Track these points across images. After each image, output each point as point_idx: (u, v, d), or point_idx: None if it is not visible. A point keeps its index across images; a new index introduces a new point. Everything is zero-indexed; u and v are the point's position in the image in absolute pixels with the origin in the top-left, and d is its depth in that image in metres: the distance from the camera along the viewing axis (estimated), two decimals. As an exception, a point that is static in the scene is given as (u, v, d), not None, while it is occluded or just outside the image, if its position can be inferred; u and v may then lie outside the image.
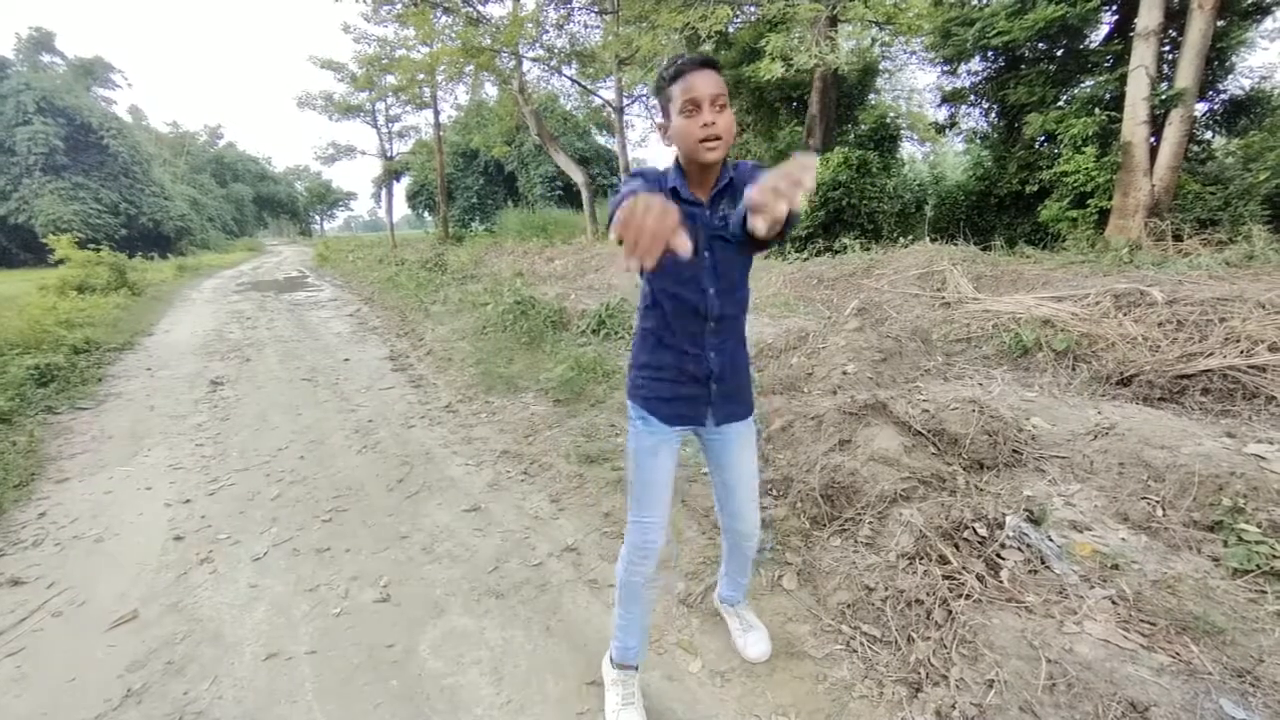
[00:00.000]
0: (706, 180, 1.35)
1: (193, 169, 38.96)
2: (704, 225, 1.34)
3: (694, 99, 1.25)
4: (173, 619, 2.13)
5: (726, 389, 1.48)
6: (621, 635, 1.64)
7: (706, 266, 1.37)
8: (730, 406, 1.51)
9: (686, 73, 1.26)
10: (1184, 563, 1.92)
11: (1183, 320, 3.68)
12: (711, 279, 1.38)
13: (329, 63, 20.09)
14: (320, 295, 11.31)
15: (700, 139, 1.26)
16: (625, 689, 1.64)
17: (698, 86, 1.24)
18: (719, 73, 1.28)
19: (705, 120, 1.24)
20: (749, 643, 1.83)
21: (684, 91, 1.26)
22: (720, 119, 1.26)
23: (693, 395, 1.47)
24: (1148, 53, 6.84)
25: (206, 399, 4.74)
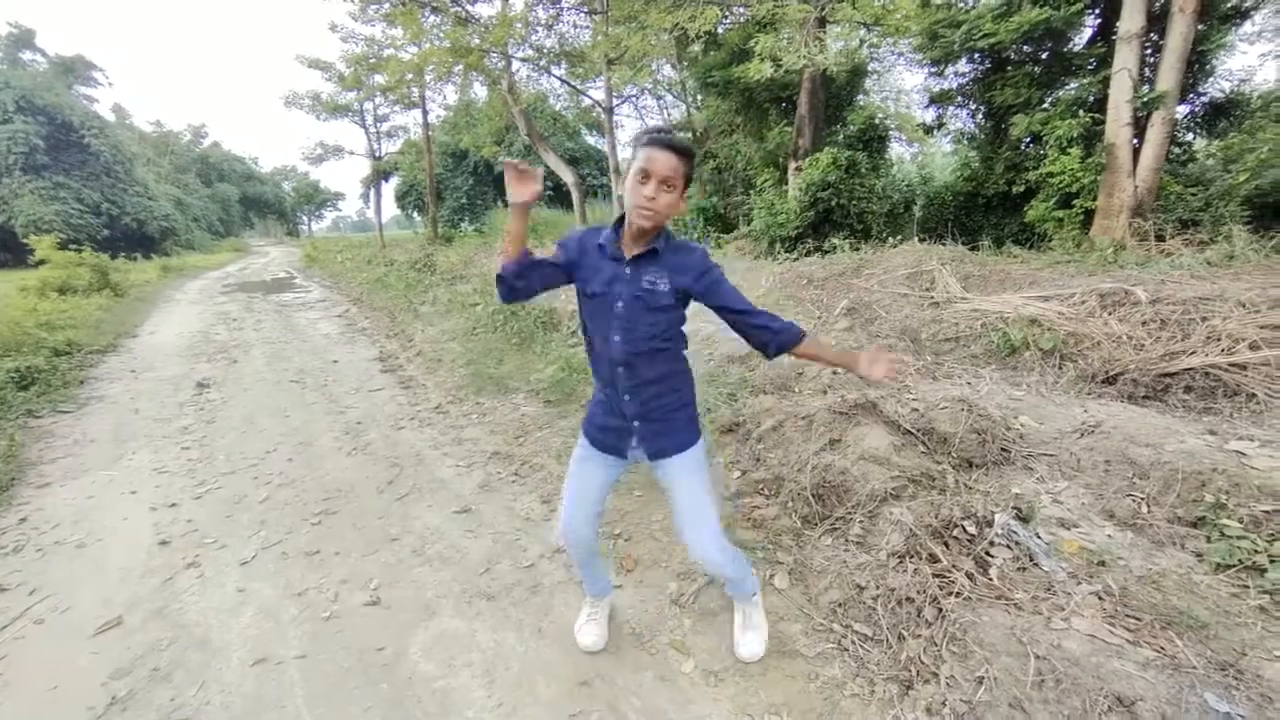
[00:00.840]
0: (639, 241, 1.50)
1: (177, 168, 38.45)
2: (621, 280, 1.50)
3: (646, 170, 1.38)
4: (158, 625, 2.10)
5: (651, 428, 1.61)
6: (587, 583, 1.93)
7: (616, 315, 1.51)
8: (659, 442, 1.62)
9: (652, 146, 1.38)
10: (1168, 558, 1.94)
11: (1166, 319, 3.73)
12: (618, 328, 1.51)
13: (316, 62, 19.89)
14: (308, 296, 11.21)
15: (636, 204, 1.40)
16: (591, 609, 1.96)
17: (655, 162, 1.37)
18: (684, 159, 1.40)
19: (648, 193, 1.38)
20: (743, 641, 1.85)
21: (643, 160, 1.39)
22: (661, 198, 1.39)
23: (617, 429, 1.63)
24: (1130, 56, 6.94)
25: (192, 401, 4.68)
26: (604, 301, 1.51)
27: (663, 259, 1.50)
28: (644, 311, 1.50)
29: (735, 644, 1.86)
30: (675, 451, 1.63)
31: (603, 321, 1.53)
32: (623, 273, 1.50)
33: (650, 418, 1.60)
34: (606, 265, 1.51)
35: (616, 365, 1.55)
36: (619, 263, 1.50)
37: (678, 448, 1.63)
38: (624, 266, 1.50)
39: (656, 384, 1.58)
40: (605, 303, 1.51)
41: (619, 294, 1.50)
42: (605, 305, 1.52)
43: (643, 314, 1.51)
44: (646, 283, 1.50)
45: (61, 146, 24.14)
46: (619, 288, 1.50)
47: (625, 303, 1.50)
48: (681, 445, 1.64)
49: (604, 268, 1.52)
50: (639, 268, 1.50)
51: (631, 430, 1.61)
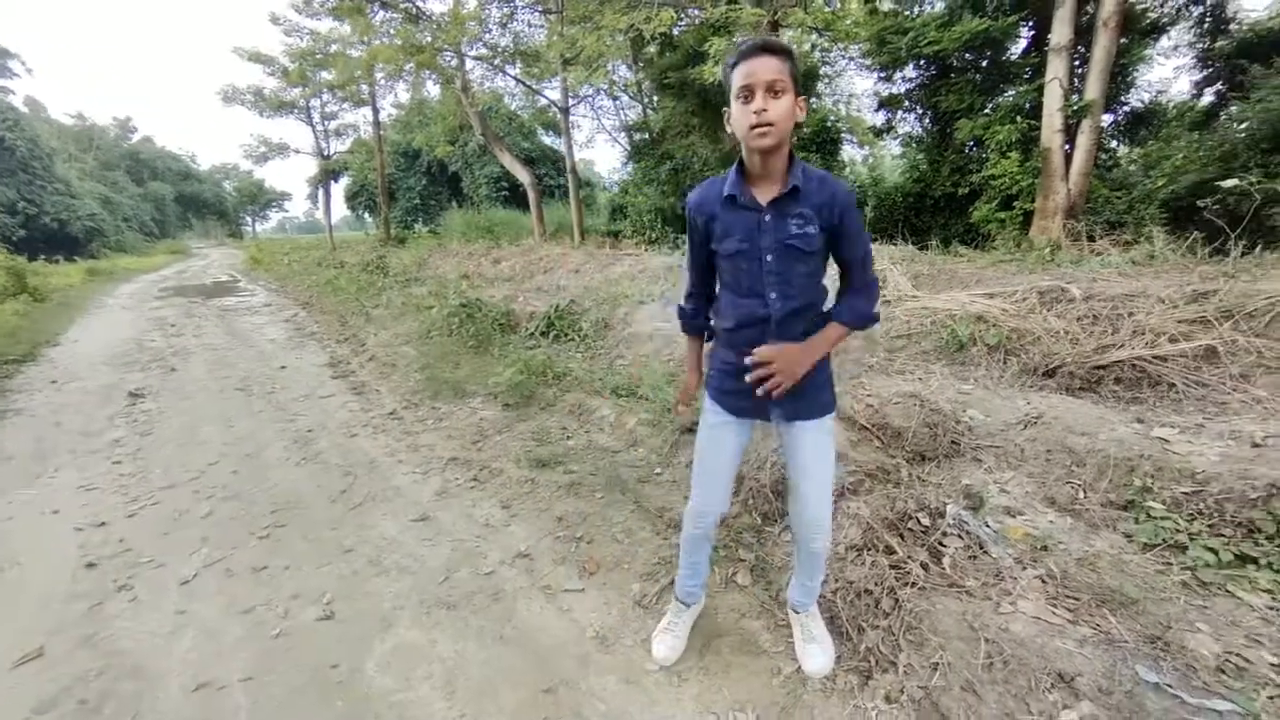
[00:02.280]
0: (769, 178, 1.34)
1: (103, 165, 36.17)
2: (765, 231, 1.33)
3: (748, 85, 1.24)
4: (86, 654, 1.96)
5: (794, 389, 1.44)
6: (682, 577, 1.83)
7: (767, 271, 1.35)
8: (796, 405, 1.49)
9: (746, 58, 1.24)
10: (1102, 540, 2.05)
11: (1097, 315, 3.95)
12: (773, 284, 1.36)
13: (257, 55, 19.05)
14: (253, 300, 10.72)
15: (750, 125, 1.25)
16: (673, 617, 1.86)
17: (754, 72, 1.23)
18: (783, 59, 1.25)
19: (757, 106, 1.23)
20: (808, 654, 1.74)
21: (741, 77, 1.24)
22: (774, 105, 1.23)
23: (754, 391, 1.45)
24: (1061, 66, 7.34)
25: (124, 413, 4.40)
26: (748, 258, 1.34)
27: (804, 195, 1.31)
28: (798, 260, 1.34)
29: (800, 658, 1.76)
30: (817, 414, 1.51)
31: (753, 280, 1.36)
32: (763, 221, 1.32)
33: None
34: (740, 217, 1.34)
35: (773, 324, 1.38)
36: (756, 211, 1.33)
37: (814, 412, 1.51)
38: (763, 214, 1.32)
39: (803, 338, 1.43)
40: (750, 259, 1.34)
41: (765, 247, 1.32)
42: (752, 262, 1.34)
43: (797, 263, 1.34)
44: (795, 227, 1.32)
45: (-30, 141, 22.42)
46: (764, 240, 1.32)
47: (775, 255, 1.33)
48: (821, 409, 1.51)
49: (738, 220, 1.34)
50: (781, 212, 1.32)
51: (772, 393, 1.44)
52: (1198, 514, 2.05)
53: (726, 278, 1.45)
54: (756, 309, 1.40)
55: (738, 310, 1.44)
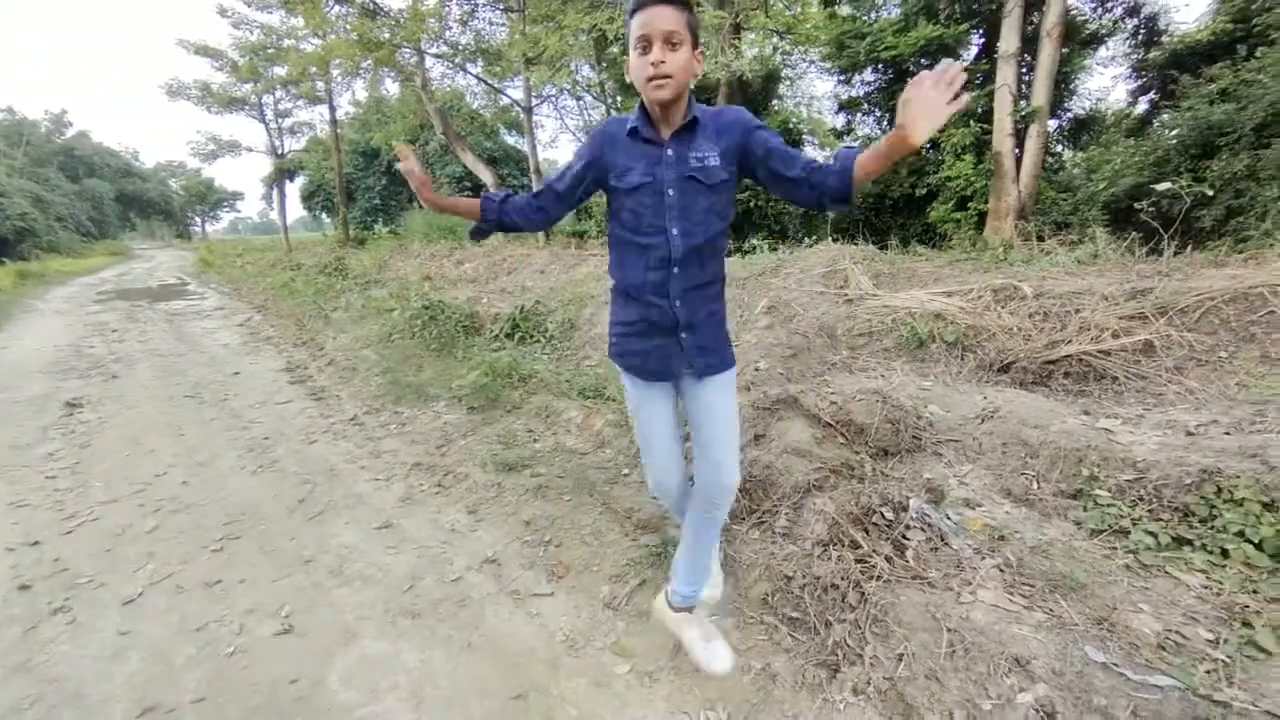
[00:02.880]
0: (670, 118, 1.33)
1: (34, 161, 34.09)
2: (666, 164, 1.32)
3: (645, 35, 1.23)
4: (19, 681, 1.84)
5: (700, 339, 1.44)
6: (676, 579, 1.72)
7: (669, 206, 1.33)
8: (707, 358, 1.46)
9: (644, 8, 1.23)
10: (1054, 528, 2.14)
11: (1048, 312, 4.12)
12: (675, 219, 1.34)
13: (204, 48, 18.30)
14: (203, 304, 10.28)
15: (648, 77, 1.24)
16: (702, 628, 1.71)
17: (650, 23, 1.22)
18: (681, 9, 1.24)
19: (654, 59, 1.23)
20: (713, 655, 1.68)
21: (638, 27, 1.24)
22: (671, 57, 1.23)
23: (662, 346, 1.45)
24: (1009, 73, 7.65)
25: (60, 424, 4.15)
26: (650, 192, 1.33)
27: (703, 127, 1.32)
28: (701, 193, 1.33)
29: (704, 663, 1.67)
30: (723, 368, 1.48)
31: (654, 215, 1.35)
32: (665, 155, 1.32)
33: (700, 327, 1.43)
34: (642, 149, 1.33)
35: (673, 265, 1.36)
36: (658, 146, 1.33)
37: (724, 364, 1.49)
38: (664, 149, 1.32)
39: (710, 285, 1.43)
40: (653, 193, 1.33)
41: (667, 180, 1.32)
42: (653, 196, 1.33)
43: (699, 196, 1.33)
44: (695, 160, 1.32)
45: (-116, 135, 20.83)
46: (664, 172, 1.32)
47: (677, 188, 1.32)
48: (727, 362, 1.50)
49: (639, 154, 1.34)
50: (682, 145, 1.32)
51: (680, 344, 1.43)
52: (1139, 500, 2.16)
53: (625, 217, 1.40)
54: (660, 248, 1.36)
55: (640, 253, 1.40)
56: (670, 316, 1.42)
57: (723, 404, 1.50)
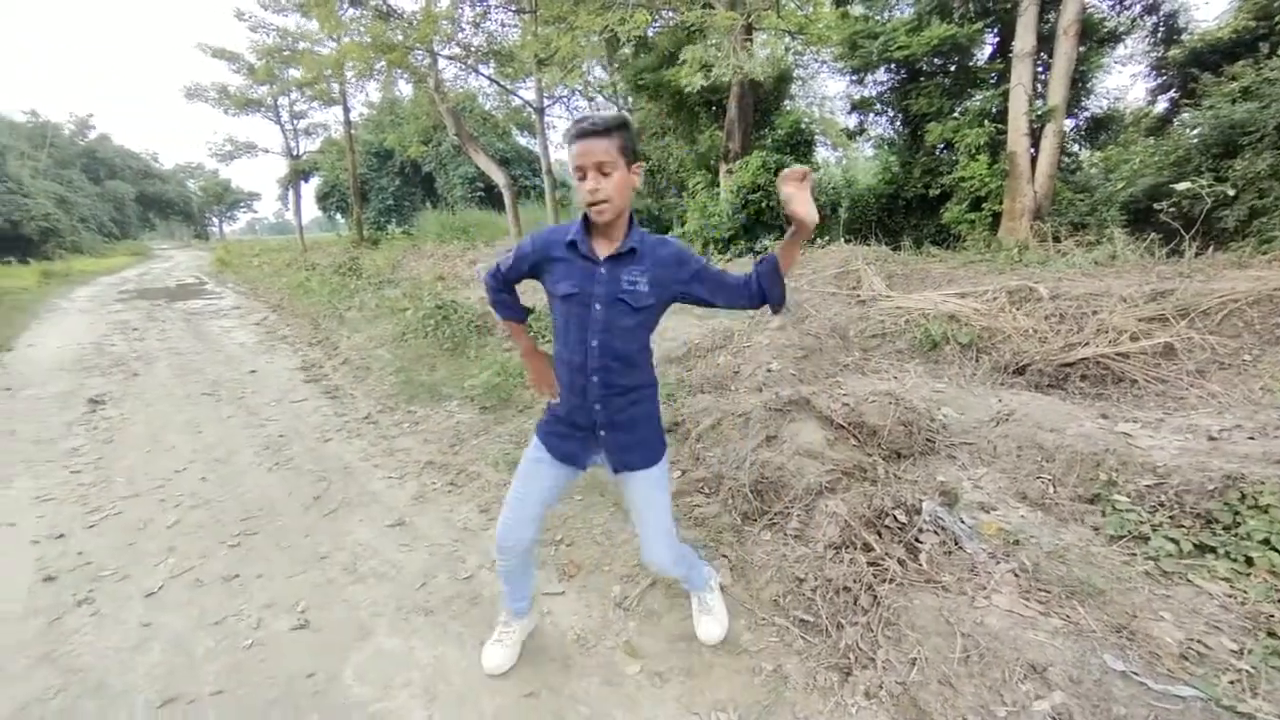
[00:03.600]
0: (610, 236, 1.43)
1: (58, 163, 34.75)
2: (599, 282, 1.41)
3: (580, 165, 1.33)
4: (44, 672, 1.88)
5: (619, 439, 1.53)
6: (505, 592, 1.80)
7: (593, 319, 1.42)
8: (625, 456, 1.56)
9: (578, 139, 1.33)
10: (1071, 533, 2.12)
11: (1064, 314, 4.07)
12: (595, 333, 1.43)
13: (222, 52, 18.55)
14: (221, 303, 10.43)
15: (586, 203, 1.35)
16: (504, 629, 1.85)
17: (585, 153, 1.32)
18: (611, 136, 1.33)
19: (589, 187, 1.33)
20: (702, 625, 1.88)
21: (574, 157, 1.34)
22: (605, 184, 1.33)
23: (581, 439, 1.56)
24: (1025, 72, 7.55)
25: (84, 420, 4.23)
26: (579, 303, 1.41)
27: (639, 257, 1.41)
28: (625, 314, 1.41)
29: (695, 627, 1.90)
30: (643, 466, 1.57)
31: (578, 325, 1.43)
32: (598, 273, 1.40)
33: (619, 428, 1.52)
34: (579, 264, 1.41)
35: (591, 374, 1.45)
36: (593, 263, 1.41)
37: (645, 462, 1.57)
38: (599, 267, 1.40)
39: (631, 392, 1.50)
40: (581, 304, 1.41)
41: (596, 295, 1.40)
42: (581, 308, 1.42)
43: (623, 316, 1.41)
44: (627, 283, 1.40)
45: (-84, 137, 21.35)
46: (596, 289, 1.40)
47: (604, 305, 1.40)
48: (649, 460, 1.57)
49: (574, 267, 1.41)
50: (617, 266, 1.40)
51: (597, 440, 1.53)
52: (1159, 506, 2.13)
53: (558, 322, 1.50)
54: (577, 354, 1.46)
55: (562, 356, 1.51)
56: (589, 417, 1.51)
57: (645, 498, 1.61)
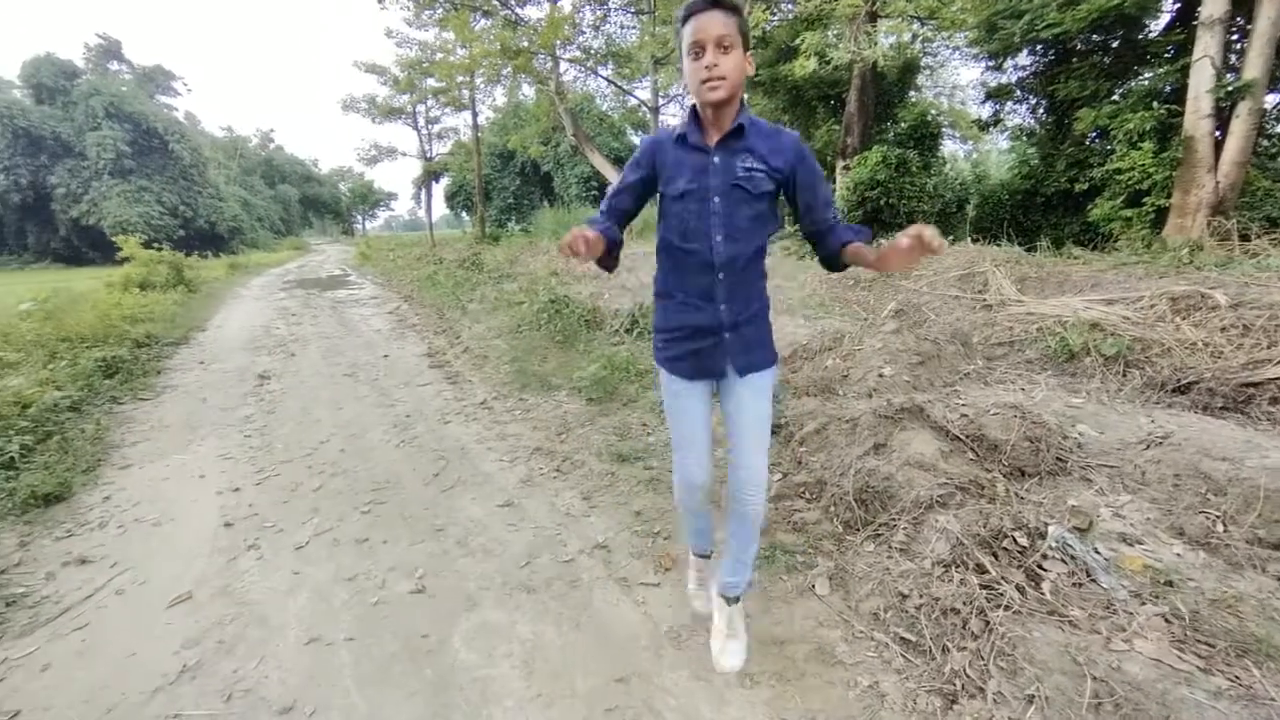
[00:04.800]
0: (720, 122, 1.37)
1: (244, 171, 40.68)
2: (713, 173, 1.36)
3: (698, 40, 1.27)
4: (223, 601, 2.23)
5: (743, 339, 1.48)
6: (690, 538, 1.87)
7: (714, 213, 1.37)
8: (749, 356, 1.51)
9: (695, 14, 1.28)
10: (1247, 582, 1.82)
11: (1249, 325, 3.48)
12: (719, 226, 1.38)
13: (372, 66, 20.72)
14: (361, 293, 11.66)
15: (702, 80, 1.28)
16: (699, 574, 1.93)
17: (703, 28, 1.26)
18: (731, 13, 1.28)
19: (708, 62, 1.27)
20: (728, 650, 1.74)
21: (691, 32, 1.28)
22: (724, 60, 1.27)
23: (710, 349, 1.49)
24: (1212, 42, 6.48)
25: (254, 392, 4.94)
26: (696, 199, 1.37)
27: (751, 139, 1.36)
28: (744, 202, 1.37)
29: (715, 653, 1.75)
30: (765, 365, 1.53)
31: (699, 222, 1.38)
32: (711, 163, 1.36)
33: (744, 327, 1.47)
34: (689, 157, 1.38)
35: (717, 271, 1.40)
36: (704, 153, 1.37)
37: (765, 363, 1.53)
38: (711, 156, 1.36)
39: (754, 285, 1.48)
40: (698, 200, 1.37)
41: (713, 187, 1.36)
42: (699, 203, 1.37)
43: (743, 205, 1.37)
44: (742, 169, 1.36)
45: (144, 151, 25.93)
46: (711, 180, 1.36)
47: (722, 196, 1.36)
48: (768, 360, 1.54)
49: (687, 161, 1.37)
50: (729, 154, 1.36)
51: (723, 343, 1.47)
52: (1370, 560, 1.77)
53: (671, 222, 1.43)
54: (705, 253, 1.40)
55: (685, 258, 1.44)
56: (716, 319, 1.46)
57: (756, 403, 1.54)
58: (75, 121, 24.54)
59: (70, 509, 2.98)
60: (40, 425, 3.77)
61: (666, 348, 1.56)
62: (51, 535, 2.74)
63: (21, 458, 3.33)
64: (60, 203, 24.89)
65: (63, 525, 2.82)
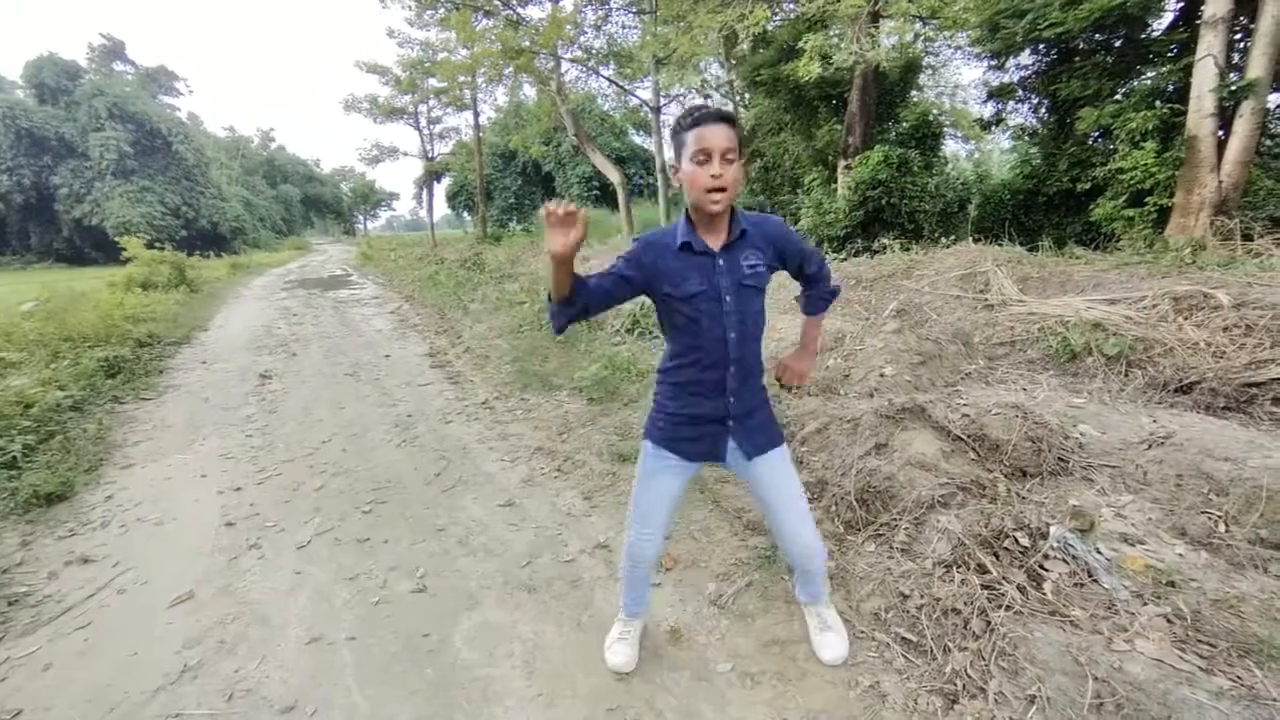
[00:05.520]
0: (716, 229, 1.43)
1: (246, 171, 40.72)
2: (720, 273, 1.42)
3: (706, 149, 1.32)
4: (225, 601, 2.24)
5: (748, 425, 1.55)
6: (626, 595, 1.86)
7: (726, 312, 1.43)
8: (758, 438, 1.56)
9: (703, 124, 1.33)
10: (1249, 582, 1.81)
11: (1252, 325, 3.47)
12: (734, 324, 1.44)
13: (374, 66, 20.71)
14: (362, 293, 11.68)
15: (707, 189, 1.33)
16: (624, 627, 1.88)
17: (711, 138, 1.31)
18: (733, 128, 1.34)
19: (714, 171, 1.32)
20: (824, 643, 1.80)
21: (697, 140, 1.33)
22: (728, 172, 1.33)
23: (713, 434, 1.55)
24: (1216, 41, 6.46)
25: (255, 392, 4.95)
26: (708, 299, 1.42)
27: (749, 238, 1.45)
28: (753, 297, 1.45)
29: (816, 648, 1.81)
30: (772, 446, 1.58)
31: (711, 322, 1.43)
32: (717, 265, 1.42)
33: (750, 414, 1.54)
34: (695, 261, 1.42)
35: (729, 365, 1.46)
36: (709, 256, 1.42)
37: (775, 440, 1.59)
38: (715, 259, 1.42)
39: (756, 376, 1.54)
40: (710, 300, 1.42)
41: (723, 287, 1.42)
42: (710, 303, 1.42)
43: (752, 300, 1.45)
44: (748, 267, 1.43)
45: (147, 152, 25.97)
46: (721, 281, 1.41)
47: (733, 295, 1.42)
48: (776, 440, 1.60)
49: (692, 264, 1.42)
50: (732, 255, 1.43)
51: (727, 431, 1.54)
52: (1374, 560, 1.76)
53: (682, 321, 1.46)
54: (713, 351, 1.46)
55: (693, 358, 1.48)
56: (725, 409, 1.52)
57: (784, 478, 1.61)
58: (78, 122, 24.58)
59: (72, 508, 2.99)
60: (43, 425, 3.78)
61: (667, 428, 1.58)
62: (54, 534, 2.74)
63: (24, 457, 3.34)
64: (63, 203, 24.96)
65: (65, 525, 2.83)
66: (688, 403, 1.54)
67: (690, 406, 1.53)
